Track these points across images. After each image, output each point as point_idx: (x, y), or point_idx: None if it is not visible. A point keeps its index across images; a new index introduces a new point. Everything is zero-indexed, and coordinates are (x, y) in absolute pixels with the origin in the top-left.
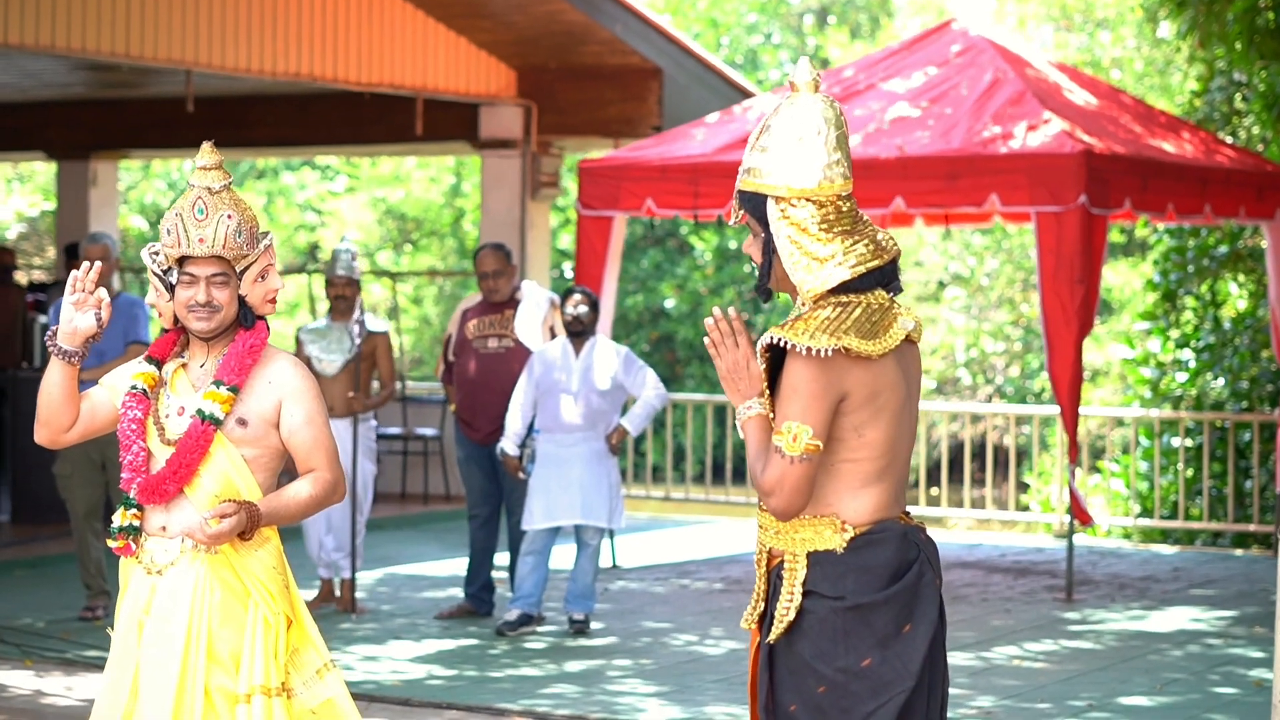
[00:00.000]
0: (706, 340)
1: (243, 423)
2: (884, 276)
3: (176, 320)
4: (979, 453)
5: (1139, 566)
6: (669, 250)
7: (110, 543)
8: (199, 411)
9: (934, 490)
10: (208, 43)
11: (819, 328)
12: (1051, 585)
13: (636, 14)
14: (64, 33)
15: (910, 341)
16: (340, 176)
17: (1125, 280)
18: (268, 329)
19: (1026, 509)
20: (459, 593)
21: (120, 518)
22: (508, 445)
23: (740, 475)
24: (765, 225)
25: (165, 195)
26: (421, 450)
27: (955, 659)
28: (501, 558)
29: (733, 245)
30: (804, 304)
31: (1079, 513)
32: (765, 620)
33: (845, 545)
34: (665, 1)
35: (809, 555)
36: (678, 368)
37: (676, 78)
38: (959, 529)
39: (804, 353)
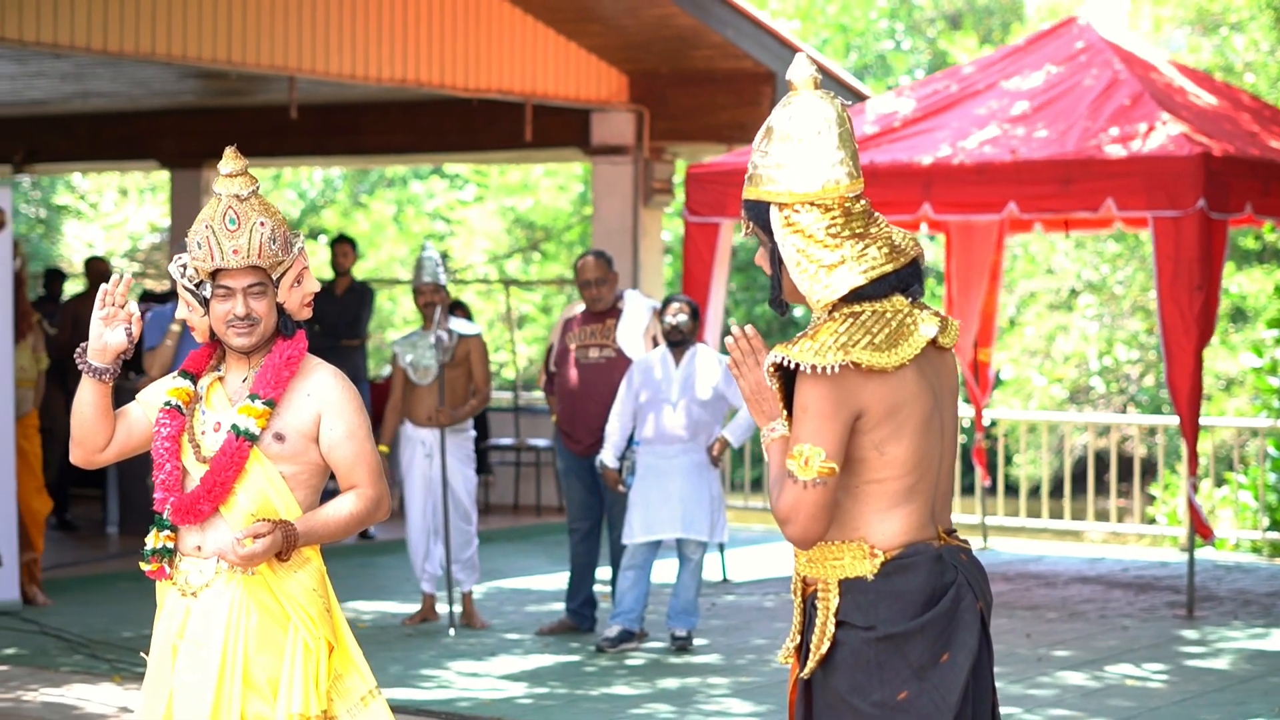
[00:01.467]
0: (728, 361)
1: (280, 438)
2: (902, 280)
3: (212, 336)
4: (1111, 464)
5: (1265, 582)
6: None
7: (143, 565)
8: (234, 427)
9: (1064, 502)
10: (310, 49)
11: (826, 343)
12: (1173, 601)
13: (748, 17)
14: (164, 39)
15: (939, 347)
16: (469, 185)
17: (1261, 287)
18: (307, 339)
19: (1153, 522)
20: (562, 607)
21: (153, 539)
22: (607, 457)
23: None
24: (770, 234)
25: (295, 205)
26: (534, 461)
27: (1068, 678)
28: (604, 572)
29: None
30: (818, 316)
31: (1199, 527)
32: (802, 652)
33: (875, 571)
34: (795, 8)
35: (841, 583)
36: None
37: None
38: (1092, 542)
39: (809, 370)
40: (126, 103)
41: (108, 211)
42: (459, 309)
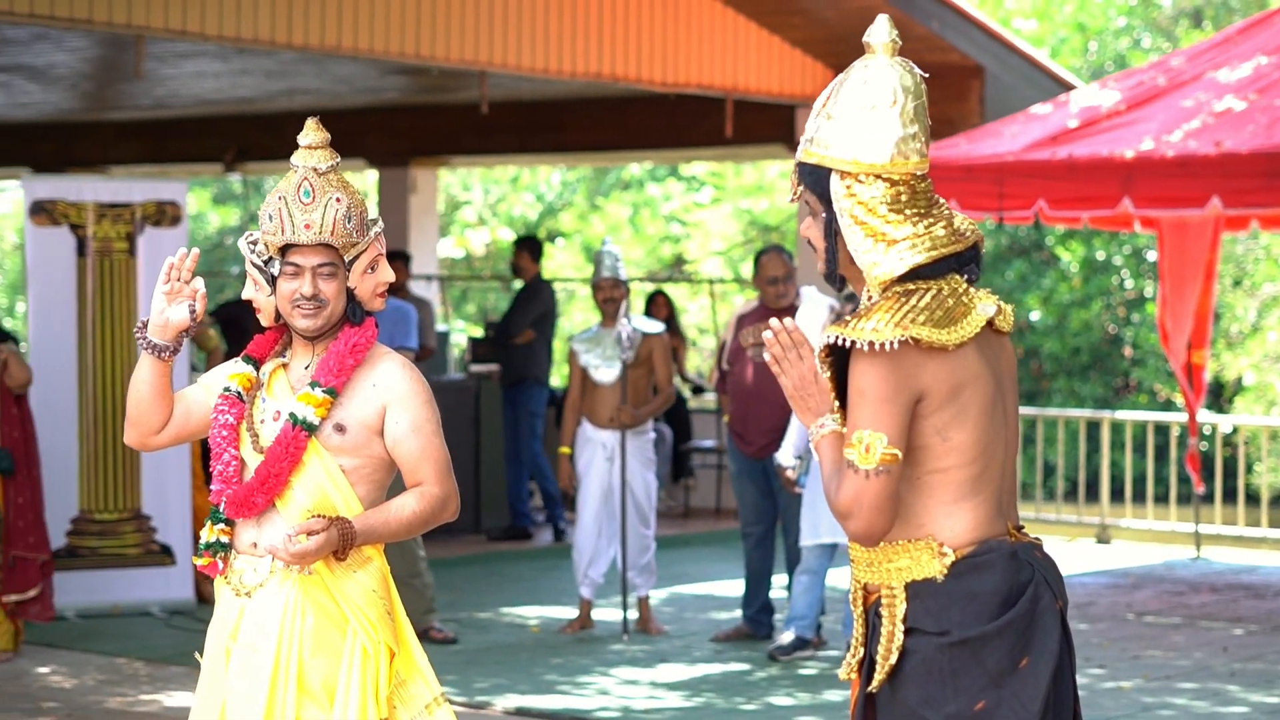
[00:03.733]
0: (767, 357)
1: (340, 429)
2: (962, 263)
3: (279, 318)
4: None
5: None
6: (1034, 262)
7: (196, 560)
8: (290, 416)
9: None
10: (502, 43)
11: (882, 320)
12: None
13: (954, 8)
14: (351, 32)
15: (997, 331)
16: (705, 187)
17: None
18: (376, 326)
19: None
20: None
21: (208, 532)
22: (784, 456)
23: (1117, 494)
24: (827, 203)
25: (533, 208)
26: None
27: (1257, 695)
28: (782, 578)
29: (1100, 256)
30: (870, 295)
31: None
32: (865, 666)
33: (946, 571)
34: (1032, 6)
35: (908, 587)
36: (1044, 382)
37: (1000, 76)
38: None
39: (866, 349)
40: (331, 100)
41: None
42: (660, 297)
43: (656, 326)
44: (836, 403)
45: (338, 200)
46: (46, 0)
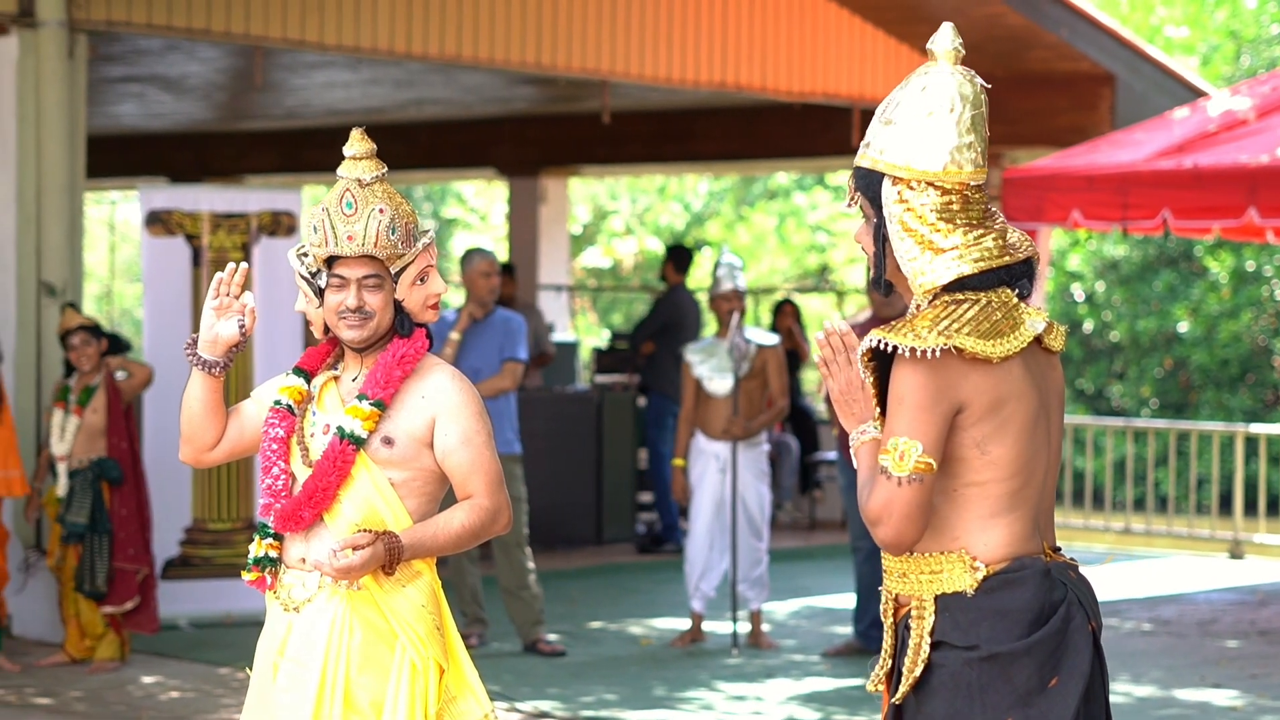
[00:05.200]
0: (817, 359)
1: (389, 442)
2: (1012, 276)
3: (328, 330)
4: None
5: None
6: (1183, 272)
7: (244, 575)
8: (338, 429)
9: None
10: (625, 53)
11: (927, 327)
12: None
13: (1084, 16)
14: (471, 42)
15: (1046, 349)
16: None
17: None
18: (428, 338)
19: None
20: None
21: (256, 547)
22: None
23: (1252, 508)
24: (878, 208)
25: (680, 217)
26: None
27: None
28: None
29: (1249, 266)
30: (917, 304)
31: None
32: (893, 679)
33: (977, 586)
34: (1184, 14)
35: (937, 599)
36: (1192, 394)
37: (1131, 84)
38: None
39: (907, 354)
40: (460, 110)
41: (497, 224)
42: (787, 306)
43: (771, 338)
44: (878, 410)
45: (380, 211)
46: (164, 11)
